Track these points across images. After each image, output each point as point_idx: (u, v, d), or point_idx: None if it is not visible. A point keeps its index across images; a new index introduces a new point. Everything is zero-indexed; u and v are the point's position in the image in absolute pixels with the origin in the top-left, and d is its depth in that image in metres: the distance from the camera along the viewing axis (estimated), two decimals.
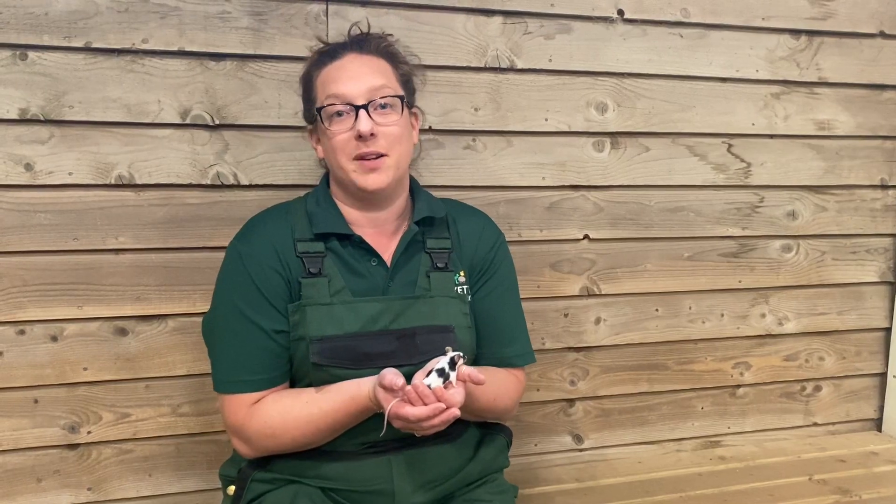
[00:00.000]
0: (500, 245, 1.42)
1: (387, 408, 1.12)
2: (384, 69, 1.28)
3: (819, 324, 2.10)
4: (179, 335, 1.62)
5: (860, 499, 1.75)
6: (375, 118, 1.23)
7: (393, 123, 1.25)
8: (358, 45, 1.29)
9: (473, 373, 1.13)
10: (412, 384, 1.10)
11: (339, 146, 1.24)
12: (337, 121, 1.24)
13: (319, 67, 1.29)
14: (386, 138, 1.24)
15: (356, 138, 1.22)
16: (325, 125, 1.25)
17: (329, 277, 1.27)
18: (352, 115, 1.23)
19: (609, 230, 1.88)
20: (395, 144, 1.25)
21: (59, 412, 1.59)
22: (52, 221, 1.53)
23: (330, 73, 1.27)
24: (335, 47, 1.30)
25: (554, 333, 1.88)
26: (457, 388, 1.13)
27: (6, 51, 1.46)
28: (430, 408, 1.09)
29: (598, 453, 1.97)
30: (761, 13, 1.90)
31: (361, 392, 1.19)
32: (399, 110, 1.26)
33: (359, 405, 1.20)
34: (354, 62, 1.27)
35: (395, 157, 1.25)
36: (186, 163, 1.58)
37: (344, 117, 1.24)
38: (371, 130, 1.22)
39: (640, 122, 1.86)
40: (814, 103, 1.99)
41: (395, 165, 1.26)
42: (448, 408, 1.10)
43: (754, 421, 2.09)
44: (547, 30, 1.77)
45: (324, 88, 1.26)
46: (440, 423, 1.11)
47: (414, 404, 1.10)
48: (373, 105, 1.23)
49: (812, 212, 2.04)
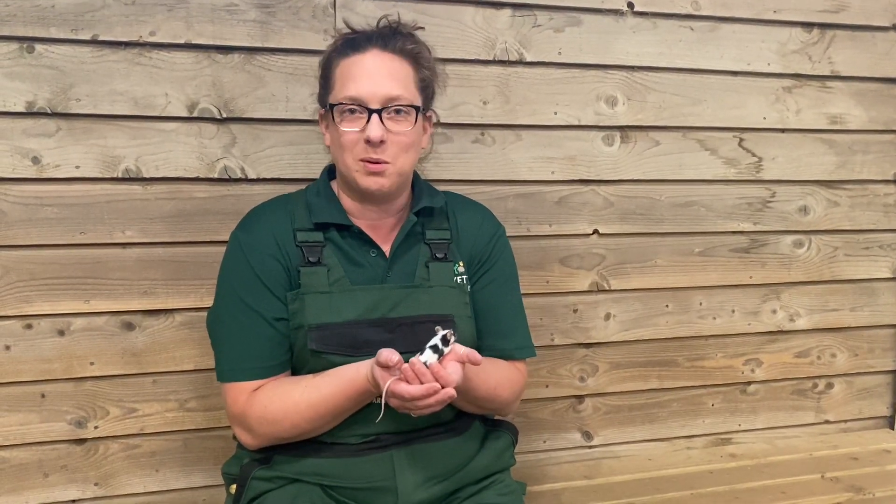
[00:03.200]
0: (500, 237, 1.42)
1: (384, 386, 1.11)
2: (405, 73, 1.25)
3: (831, 320, 2.07)
4: (187, 330, 1.61)
5: (873, 496, 1.74)
6: (388, 124, 1.22)
7: (404, 132, 1.24)
8: (383, 41, 1.25)
9: (471, 353, 1.13)
10: (409, 361, 1.10)
11: (347, 145, 1.24)
12: (349, 118, 1.23)
13: (341, 56, 1.26)
14: (394, 146, 1.23)
15: (365, 142, 1.21)
16: (337, 121, 1.24)
17: (328, 267, 1.27)
18: (364, 117, 1.22)
19: (619, 225, 1.87)
20: (402, 153, 1.25)
21: (66, 407, 1.58)
22: (59, 215, 1.52)
23: (350, 67, 1.24)
24: (360, 38, 1.26)
25: (563, 329, 1.86)
26: (454, 368, 1.12)
27: (13, 43, 1.46)
28: (425, 386, 1.08)
29: (607, 450, 1.95)
30: (773, 6, 1.88)
31: (360, 374, 1.18)
32: (412, 119, 1.25)
33: (357, 387, 1.19)
34: (376, 60, 1.24)
35: (399, 165, 1.25)
36: (194, 156, 1.57)
37: (357, 117, 1.23)
38: (381, 138, 1.21)
39: (650, 115, 1.84)
40: (826, 97, 1.97)
41: (398, 172, 1.25)
42: (444, 387, 1.09)
43: (765, 418, 2.07)
44: (556, 22, 1.75)
45: (341, 83, 1.24)
46: (436, 402, 1.10)
47: (410, 382, 1.09)
48: (387, 111, 1.22)
49: (824, 207, 2.02)
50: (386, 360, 1.10)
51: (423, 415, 1.14)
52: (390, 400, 1.13)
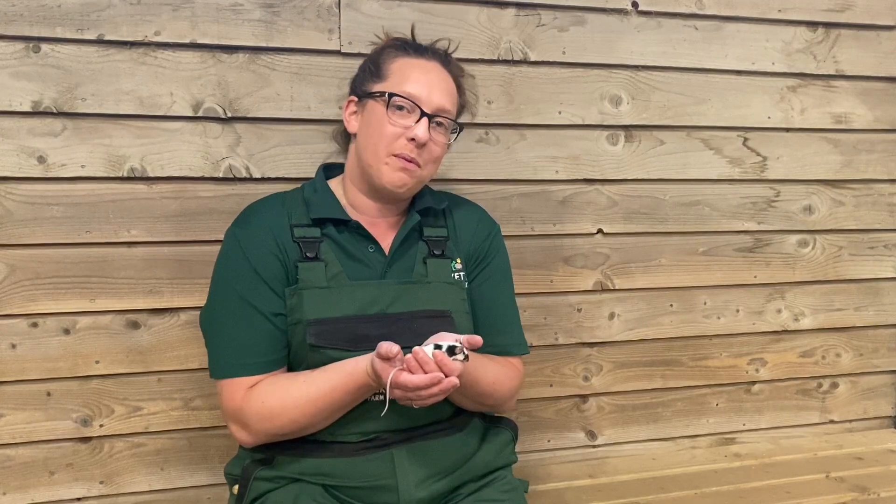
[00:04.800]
0: (496, 235, 1.45)
1: (386, 378, 1.11)
2: (454, 93, 1.34)
3: (836, 320, 2.07)
4: (192, 328, 1.62)
5: (878, 496, 1.73)
6: (431, 132, 1.28)
7: (440, 144, 1.31)
8: (445, 60, 1.35)
9: (471, 336, 1.13)
10: (413, 350, 1.10)
11: (388, 136, 1.27)
12: (400, 114, 1.27)
13: (403, 54, 1.32)
14: (429, 153, 1.29)
15: (408, 139, 1.26)
16: (388, 111, 1.27)
17: (326, 262, 1.28)
18: (414, 115, 1.27)
19: (623, 224, 1.86)
20: (431, 163, 1.31)
21: (72, 405, 1.59)
22: (65, 214, 1.53)
23: (414, 66, 1.30)
24: (423, 47, 1.35)
25: (567, 329, 1.86)
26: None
27: (19, 43, 1.46)
28: (429, 376, 1.09)
29: (611, 450, 1.95)
30: (777, 5, 1.88)
31: (359, 368, 1.19)
32: (448, 136, 1.32)
33: (357, 381, 1.19)
34: (439, 72, 1.32)
35: (426, 172, 1.31)
36: (199, 156, 1.58)
37: (407, 114, 1.27)
38: (426, 139, 1.26)
39: (654, 115, 1.84)
40: (831, 96, 1.97)
41: (421, 179, 1.32)
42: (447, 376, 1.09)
43: (770, 418, 2.07)
44: (560, 22, 1.75)
45: (403, 77, 1.29)
46: (440, 391, 1.10)
47: (413, 373, 1.10)
48: (436, 119, 1.28)
49: (829, 206, 2.02)
50: (386, 352, 1.10)
51: (426, 405, 1.14)
52: (393, 392, 1.13)
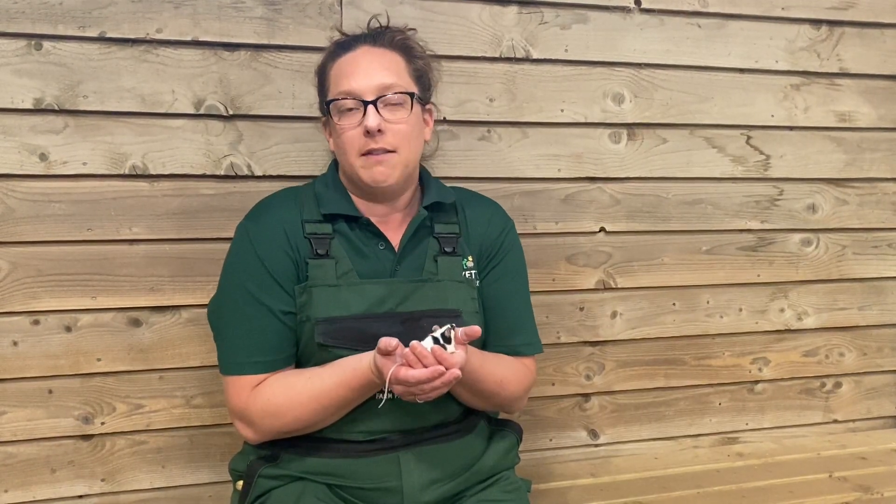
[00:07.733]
0: (510, 231, 1.42)
1: (387, 374, 1.11)
2: (397, 64, 1.28)
3: (839, 319, 2.06)
4: (193, 326, 1.62)
5: (882, 496, 1.72)
6: (384, 114, 1.23)
7: (402, 121, 1.25)
8: (372, 38, 1.30)
9: (469, 328, 1.12)
10: (410, 345, 1.09)
11: (348, 142, 1.25)
12: (347, 116, 1.25)
13: (333, 59, 1.30)
14: (394, 135, 1.24)
15: (364, 134, 1.23)
16: (335, 120, 1.26)
17: (336, 259, 1.27)
18: (361, 111, 1.23)
19: (626, 223, 1.86)
20: (404, 142, 1.25)
21: (73, 403, 1.59)
22: (67, 212, 1.53)
23: (342, 66, 1.27)
24: (350, 39, 1.31)
25: (569, 327, 1.86)
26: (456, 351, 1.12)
27: (21, 40, 1.46)
28: (429, 370, 1.08)
29: (613, 448, 1.95)
30: (781, 3, 1.87)
31: (362, 364, 1.18)
32: (409, 108, 1.26)
33: (360, 378, 1.19)
34: (367, 55, 1.27)
35: (403, 155, 1.26)
36: (200, 153, 1.58)
37: (353, 112, 1.24)
38: (378, 126, 1.22)
39: (657, 113, 1.84)
40: (834, 95, 1.96)
41: (404, 163, 1.26)
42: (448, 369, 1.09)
43: (773, 417, 2.06)
44: (563, 19, 1.75)
45: (335, 82, 1.27)
46: (441, 384, 1.10)
47: (413, 367, 1.09)
48: (382, 101, 1.23)
49: (832, 205, 2.01)
50: (385, 347, 1.10)
51: (430, 399, 1.13)
52: (395, 387, 1.12)
